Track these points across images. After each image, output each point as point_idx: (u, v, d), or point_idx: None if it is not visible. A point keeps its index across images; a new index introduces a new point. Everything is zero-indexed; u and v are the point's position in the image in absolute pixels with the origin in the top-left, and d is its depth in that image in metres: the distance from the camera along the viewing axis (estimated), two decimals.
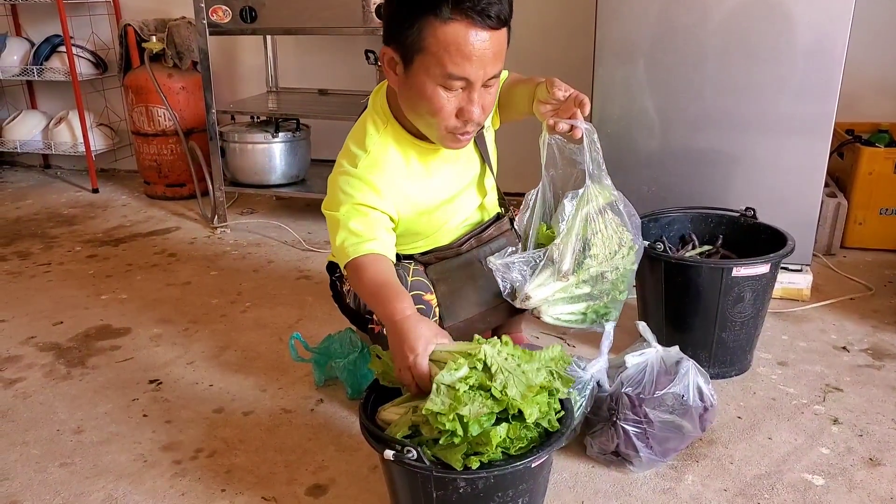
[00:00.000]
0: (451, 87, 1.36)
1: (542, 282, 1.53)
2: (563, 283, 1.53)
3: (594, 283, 1.54)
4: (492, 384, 1.20)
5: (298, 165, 3.14)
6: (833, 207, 2.61)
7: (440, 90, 1.37)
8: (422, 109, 1.42)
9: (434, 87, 1.36)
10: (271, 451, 1.63)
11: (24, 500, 1.50)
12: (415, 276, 1.60)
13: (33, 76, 3.66)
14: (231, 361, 2.03)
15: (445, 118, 1.40)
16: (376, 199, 1.48)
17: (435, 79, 1.35)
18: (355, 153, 1.52)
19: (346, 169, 1.50)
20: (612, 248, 1.54)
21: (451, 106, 1.38)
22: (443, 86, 1.36)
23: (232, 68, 3.67)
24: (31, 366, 2.03)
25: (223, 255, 2.83)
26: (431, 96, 1.37)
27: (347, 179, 1.49)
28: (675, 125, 2.27)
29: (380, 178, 1.49)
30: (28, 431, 1.73)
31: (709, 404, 1.53)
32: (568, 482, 1.52)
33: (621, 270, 1.55)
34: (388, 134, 1.53)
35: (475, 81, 1.36)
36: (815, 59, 2.10)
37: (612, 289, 1.56)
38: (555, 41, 3.07)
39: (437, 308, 1.62)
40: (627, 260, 1.56)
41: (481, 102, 1.39)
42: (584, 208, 1.53)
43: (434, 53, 1.33)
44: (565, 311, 1.56)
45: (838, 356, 1.99)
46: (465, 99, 1.38)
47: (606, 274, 1.54)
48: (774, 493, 1.47)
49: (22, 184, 3.91)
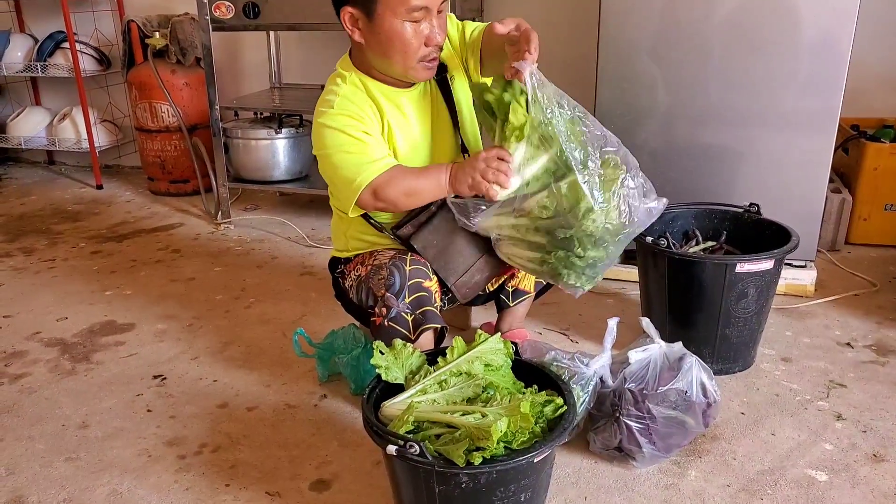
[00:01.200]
0: (415, 18, 1.53)
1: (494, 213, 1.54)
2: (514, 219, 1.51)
3: (546, 235, 1.50)
4: None
5: (301, 161, 3.15)
6: (837, 203, 2.61)
7: (406, 25, 1.53)
8: (393, 50, 1.57)
9: (401, 23, 1.53)
10: (275, 447, 1.64)
11: (29, 495, 1.50)
12: (412, 265, 1.61)
13: (37, 73, 3.66)
14: (235, 357, 2.03)
15: (416, 50, 1.56)
16: (362, 125, 1.60)
17: (400, 15, 1.52)
18: (329, 98, 1.63)
19: (324, 111, 1.62)
20: (567, 203, 1.45)
21: (418, 38, 1.55)
22: (408, 20, 1.53)
23: (235, 64, 3.67)
24: (37, 361, 2.03)
25: (227, 251, 2.84)
26: (401, 32, 1.54)
27: (330, 116, 1.60)
28: (679, 121, 2.26)
29: (358, 111, 1.61)
30: (33, 426, 1.73)
31: (712, 400, 1.53)
32: (571, 477, 1.52)
33: (574, 231, 1.46)
34: (355, 79, 1.66)
35: (432, 7, 1.54)
36: (820, 54, 2.10)
37: (564, 249, 1.48)
38: (559, 36, 3.06)
39: (437, 294, 1.63)
40: (589, 220, 1.44)
41: (440, 25, 1.58)
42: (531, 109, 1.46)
43: None
44: (516, 252, 1.58)
45: (842, 352, 1.98)
46: (428, 27, 1.56)
47: (556, 232, 1.48)
48: (778, 489, 1.47)
49: (26, 180, 3.92)
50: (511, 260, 1.61)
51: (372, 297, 1.64)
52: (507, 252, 1.60)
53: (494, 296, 1.91)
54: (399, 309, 1.57)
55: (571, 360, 1.51)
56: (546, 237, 1.51)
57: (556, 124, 1.45)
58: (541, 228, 1.51)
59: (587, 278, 1.54)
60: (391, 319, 1.57)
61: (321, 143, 1.62)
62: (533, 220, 1.51)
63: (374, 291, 1.63)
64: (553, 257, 1.52)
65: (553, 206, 1.48)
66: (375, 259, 1.68)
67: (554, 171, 1.48)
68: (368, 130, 1.60)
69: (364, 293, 1.67)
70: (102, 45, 3.80)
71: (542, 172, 1.49)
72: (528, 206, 1.50)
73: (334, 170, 1.61)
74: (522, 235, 1.54)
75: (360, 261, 1.73)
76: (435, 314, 1.59)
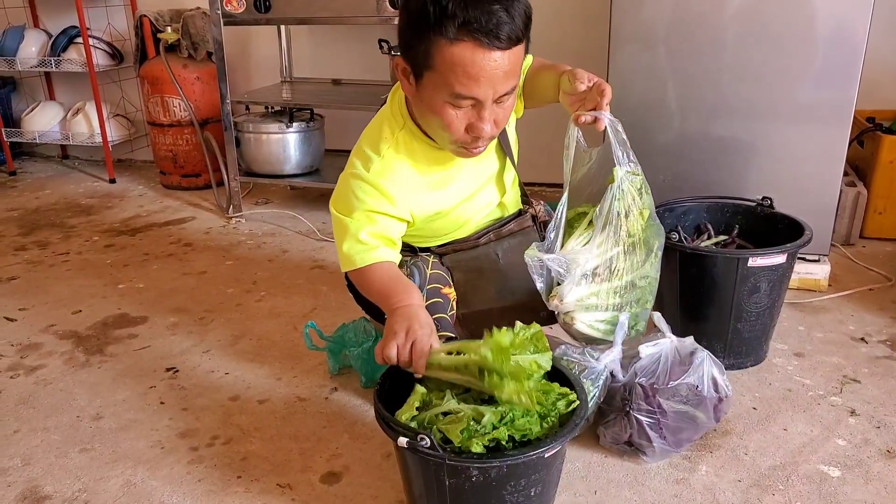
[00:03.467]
0: (460, 105, 1.34)
1: (577, 283, 1.48)
2: (595, 285, 1.49)
3: (625, 290, 1.52)
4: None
5: (312, 155, 3.15)
6: (852, 196, 2.58)
7: (449, 107, 1.34)
8: (433, 122, 1.41)
9: (443, 103, 1.34)
10: (286, 439, 1.65)
11: (45, 485, 1.52)
12: (433, 268, 1.60)
13: (51, 67, 3.68)
14: (246, 350, 2.04)
15: (455, 133, 1.38)
16: (388, 205, 1.47)
17: (443, 96, 1.33)
18: (369, 155, 1.49)
19: (359, 172, 1.48)
20: (643, 254, 1.52)
21: (460, 122, 1.36)
22: (451, 104, 1.34)
23: (246, 58, 3.68)
24: (52, 353, 2.05)
25: (238, 245, 2.85)
26: (441, 112, 1.36)
27: (359, 184, 1.47)
28: (692, 113, 2.24)
29: (392, 184, 1.47)
30: (49, 418, 1.75)
31: (723, 395, 1.52)
32: (581, 472, 1.52)
33: (649, 279, 1.54)
34: (404, 137, 1.50)
35: (484, 101, 1.33)
36: (835, 46, 2.07)
37: (639, 297, 1.54)
38: (570, 29, 3.05)
39: (454, 302, 1.61)
40: (654, 267, 1.54)
41: (493, 118, 1.37)
42: (617, 204, 1.49)
43: (441, 73, 1.30)
44: (597, 318, 1.52)
45: (856, 347, 1.97)
46: (475, 116, 1.35)
47: (637, 282, 1.52)
48: (790, 485, 1.46)
49: (41, 174, 3.95)
50: (591, 328, 1.52)
51: None
52: (586, 321, 1.52)
53: None
54: None
55: (582, 355, 1.51)
56: (618, 296, 1.53)
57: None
58: (617, 289, 1.52)
59: (645, 321, 1.59)
60: None
61: (342, 203, 1.50)
62: (610, 280, 1.52)
63: None
64: (629, 310, 1.54)
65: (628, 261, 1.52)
66: None
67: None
68: (388, 211, 1.48)
69: None
70: (115, 39, 3.82)
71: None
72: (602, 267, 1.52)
73: (338, 236, 1.50)
74: (603, 300, 1.53)
75: None
76: (448, 323, 1.57)
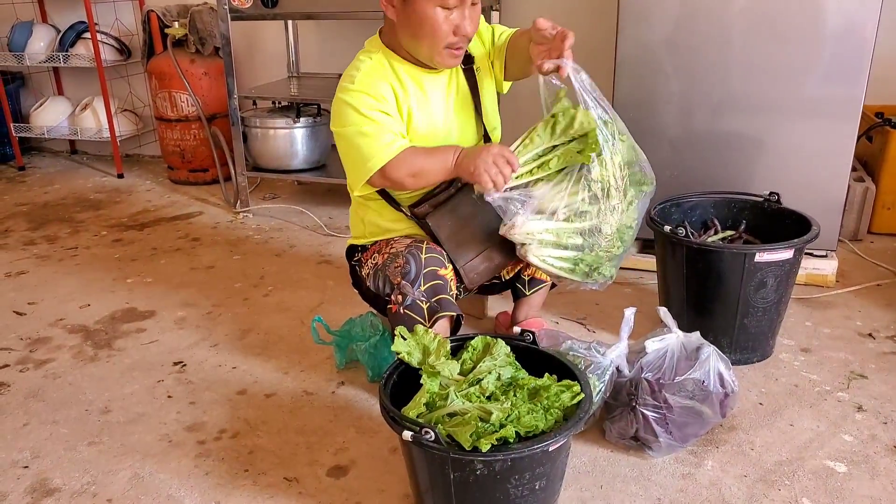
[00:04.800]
0: (448, 5, 1.54)
1: (533, 217, 1.55)
2: (554, 223, 1.54)
3: (589, 234, 1.55)
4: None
5: (319, 151, 3.15)
6: (861, 192, 2.57)
7: (438, 10, 1.54)
8: (422, 33, 1.58)
9: (433, 7, 1.54)
10: (293, 433, 1.66)
11: (54, 478, 1.53)
12: (427, 253, 1.61)
13: (59, 63, 3.70)
14: (254, 344, 2.05)
15: (444, 36, 1.57)
16: (382, 104, 1.61)
17: (434, 1, 1.53)
18: (352, 74, 1.64)
19: (346, 86, 1.63)
20: (615, 201, 1.54)
21: (448, 24, 1.56)
22: (440, 5, 1.54)
23: (253, 54, 3.68)
24: (61, 347, 2.07)
25: (246, 240, 2.86)
26: (432, 17, 1.55)
27: (351, 95, 1.61)
28: (699, 108, 2.24)
29: (379, 88, 1.62)
30: (58, 411, 1.77)
31: (729, 390, 1.52)
32: (587, 466, 1.52)
33: (617, 225, 1.56)
34: (381, 57, 1.67)
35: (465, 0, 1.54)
36: (843, 41, 2.06)
37: (606, 245, 1.56)
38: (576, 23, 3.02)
39: (452, 282, 1.63)
40: (628, 215, 1.56)
41: (471, 17, 1.58)
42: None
43: None
44: (553, 254, 1.58)
45: (863, 343, 1.96)
46: (459, 16, 1.57)
47: (603, 227, 1.54)
48: (795, 480, 1.46)
49: (49, 169, 3.97)
50: (544, 262, 1.60)
51: (388, 284, 1.65)
52: (539, 254, 1.58)
53: (511, 285, 1.91)
54: (414, 297, 1.58)
55: (588, 350, 1.51)
56: (582, 238, 1.57)
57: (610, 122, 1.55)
58: (580, 230, 1.56)
59: (615, 267, 1.63)
60: (407, 307, 1.58)
61: (339, 119, 1.64)
62: (571, 221, 1.56)
63: (390, 279, 1.64)
64: (590, 255, 1.57)
65: (595, 207, 1.54)
66: (392, 247, 1.69)
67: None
68: (385, 109, 1.62)
69: (381, 281, 1.69)
70: (123, 35, 3.83)
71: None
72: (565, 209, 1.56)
73: (348, 149, 1.64)
74: (560, 239, 1.57)
75: (377, 249, 1.74)
76: (450, 302, 1.60)
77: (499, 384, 1.35)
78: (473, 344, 1.43)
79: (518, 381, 1.36)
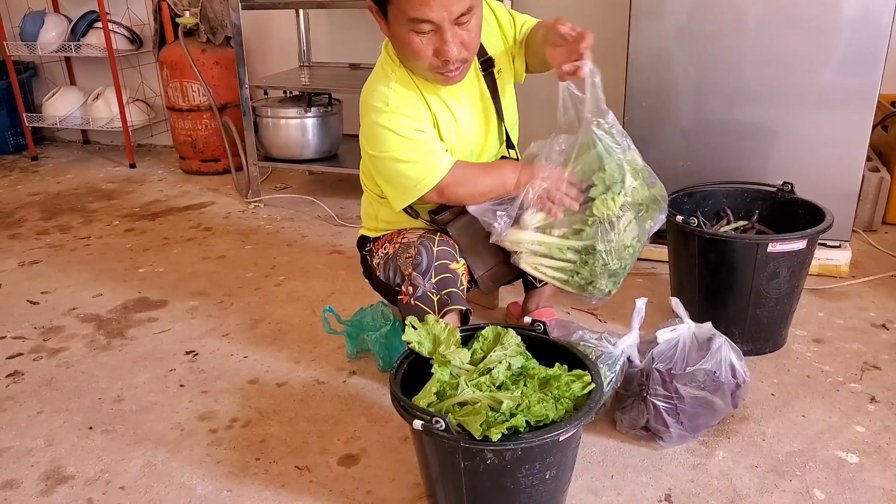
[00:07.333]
0: (421, 30, 1.43)
1: (522, 227, 1.55)
2: (542, 236, 1.54)
3: (583, 252, 1.54)
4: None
5: (331, 140, 3.15)
6: (875, 182, 2.54)
7: (412, 35, 1.44)
8: (406, 55, 1.51)
9: (406, 32, 1.44)
10: (304, 422, 1.66)
11: (67, 465, 1.55)
12: (439, 245, 1.61)
13: (71, 52, 3.71)
14: (265, 333, 2.06)
15: (424, 59, 1.48)
16: (418, 123, 1.55)
17: (403, 25, 1.43)
18: (383, 93, 1.56)
19: (379, 107, 1.55)
20: (609, 224, 1.52)
21: (426, 48, 1.46)
22: (413, 30, 1.43)
23: (264, 43, 3.68)
24: (74, 336, 2.08)
25: (257, 230, 2.87)
26: (408, 42, 1.46)
27: (385, 116, 1.54)
28: (712, 97, 2.22)
29: (411, 109, 1.56)
30: (71, 399, 1.78)
31: (741, 381, 1.52)
32: (597, 456, 1.52)
33: (615, 244, 1.53)
34: (402, 75, 1.59)
35: (440, 23, 1.41)
36: (859, 29, 2.04)
37: (601, 261, 1.54)
38: (589, 11, 3.01)
39: (463, 276, 1.63)
40: (627, 235, 1.53)
41: (458, 41, 1.45)
42: (578, 156, 1.51)
43: (396, 2, 1.41)
44: (545, 263, 1.58)
45: (877, 334, 1.95)
46: (439, 40, 1.45)
47: (598, 246, 1.52)
48: (807, 471, 1.46)
49: (62, 159, 3.99)
50: (538, 270, 1.59)
51: (399, 274, 1.65)
52: (531, 262, 1.59)
53: (522, 275, 1.90)
54: (425, 288, 1.58)
55: (599, 340, 1.51)
56: (577, 254, 1.55)
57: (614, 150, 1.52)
58: (573, 248, 1.55)
59: (614, 283, 1.59)
60: (417, 298, 1.58)
61: (376, 143, 1.57)
62: (567, 238, 1.55)
63: (401, 269, 1.64)
64: (585, 269, 1.55)
65: (592, 223, 1.52)
66: (404, 237, 1.68)
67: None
68: (422, 127, 1.56)
69: (391, 271, 1.69)
70: (134, 24, 3.84)
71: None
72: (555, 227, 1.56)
73: (391, 173, 1.58)
74: (550, 252, 1.57)
75: (389, 239, 1.74)
76: (460, 297, 1.60)
77: (509, 374, 1.35)
78: (484, 334, 1.43)
79: (529, 370, 1.36)
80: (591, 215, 1.52)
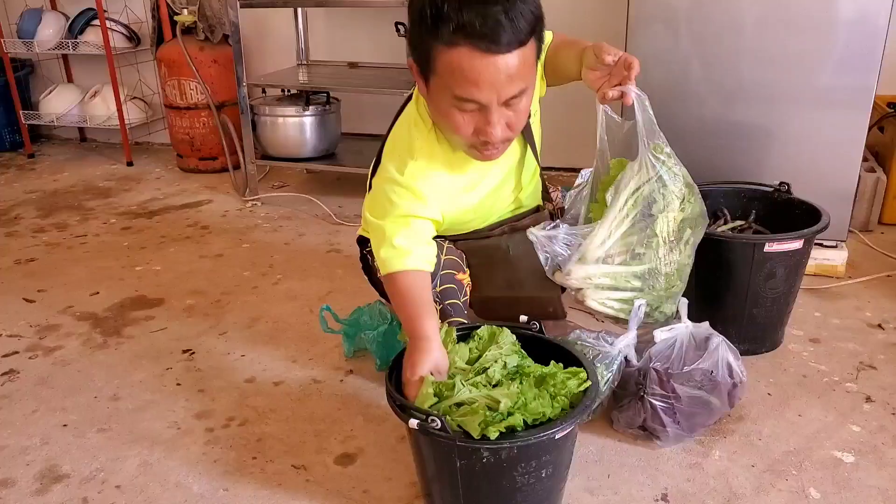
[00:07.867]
0: (465, 108, 1.31)
1: (587, 260, 1.49)
2: (609, 266, 1.49)
3: (648, 276, 1.52)
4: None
5: (329, 139, 3.15)
6: (872, 182, 2.55)
7: (455, 110, 1.32)
8: (444, 126, 1.40)
9: (448, 106, 1.32)
10: (301, 421, 1.66)
11: (63, 464, 1.55)
12: (448, 254, 1.60)
13: (68, 50, 3.71)
14: (262, 332, 2.06)
15: (464, 136, 1.36)
16: (421, 207, 1.46)
17: (447, 100, 1.31)
18: (403, 158, 1.47)
19: (393, 176, 1.46)
20: (671, 242, 1.52)
21: (467, 125, 1.34)
22: (456, 107, 1.32)
23: (262, 41, 3.67)
24: (70, 334, 2.08)
25: (255, 228, 2.86)
26: (448, 115, 1.34)
27: (394, 188, 1.46)
28: (710, 97, 2.22)
29: (426, 185, 1.46)
30: (67, 398, 1.78)
31: (738, 380, 1.52)
32: (594, 455, 1.52)
33: (677, 265, 1.53)
34: (433, 139, 1.49)
35: (488, 104, 1.30)
36: (856, 30, 2.04)
37: (665, 284, 1.53)
38: (587, 10, 3.01)
39: (468, 287, 1.62)
40: (685, 254, 1.53)
41: (503, 121, 1.33)
42: (638, 185, 1.49)
43: (442, 76, 1.29)
44: (612, 296, 1.53)
45: (873, 334, 1.95)
46: (483, 120, 1.32)
47: (661, 268, 1.52)
48: (803, 470, 1.46)
49: (59, 157, 3.99)
50: (603, 305, 1.54)
51: None
52: (597, 298, 1.54)
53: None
54: None
55: (596, 339, 1.51)
56: (641, 280, 1.53)
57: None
58: (638, 273, 1.52)
59: (675, 304, 1.57)
60: None
61: (377, 208, 1.49)
62: (628, 265, 1.52)
63: None
64: (651, 295, 1.53)
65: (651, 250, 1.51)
66: None
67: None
68: (421, 213, 1.46)
69: None
70: (132, 22, 3.83)
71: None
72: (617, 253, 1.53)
73: (374, 237, 1.49)
74: (617, 282, 1.54)
75: None
76: (461, 309, 1.59)
77: (505, 373, 1.35)
78: (479, 333, 1.43)
79: (524, 369, 1.36)
80: (652, 234, 1.50)
